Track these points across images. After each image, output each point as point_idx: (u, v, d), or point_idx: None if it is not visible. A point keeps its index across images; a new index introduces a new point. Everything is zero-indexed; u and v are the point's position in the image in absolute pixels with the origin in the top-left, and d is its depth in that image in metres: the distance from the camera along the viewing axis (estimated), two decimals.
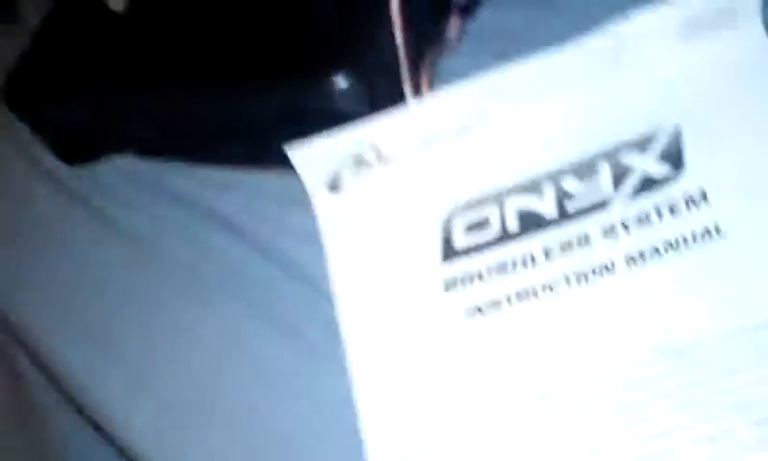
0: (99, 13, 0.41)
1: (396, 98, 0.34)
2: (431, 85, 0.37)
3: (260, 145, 0.37)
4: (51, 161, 0.43)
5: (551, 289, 0.30)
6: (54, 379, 0.42)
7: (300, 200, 0.36)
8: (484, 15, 0.40)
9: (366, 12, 0.34)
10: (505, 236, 0.32)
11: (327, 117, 0.33)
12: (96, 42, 0.41)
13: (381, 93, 0.34)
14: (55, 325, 0.41)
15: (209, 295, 0.37)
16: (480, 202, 0.33)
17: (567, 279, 0.30)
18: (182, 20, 0.39)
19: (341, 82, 0.32)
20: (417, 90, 0.35)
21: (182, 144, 0.41)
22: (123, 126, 0.41)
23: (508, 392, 0.29)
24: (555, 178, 0.33)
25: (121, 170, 0.42)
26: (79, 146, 0.42)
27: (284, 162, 0.35)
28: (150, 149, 0.41)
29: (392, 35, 0.34)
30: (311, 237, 0.35)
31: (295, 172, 0.35)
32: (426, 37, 0.38)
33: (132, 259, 0.40)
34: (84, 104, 0.41)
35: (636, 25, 0.33)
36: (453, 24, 0.39)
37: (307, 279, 0.35)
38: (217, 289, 0.37)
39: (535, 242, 0.32)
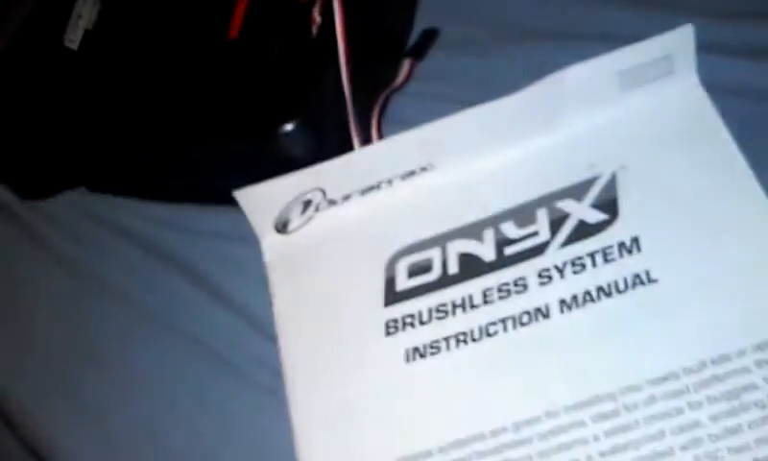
0: (54, 51, 0.42)
1: (343, 143, 0.36)
2: (380, 127, 0.38)
3: (209, 184, 0.38)
4: (5, 195, 0.43)
5: (488, 333, 0.31)
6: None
7: (247, 237, 0.37)
8: (433, 58, 0.41)
9: (314, 59, 0.36)
10: (446, 279, 0.33)
11: (276, 162, 0.34)
12: (50, 79, 0.41)
13: (329, 139, 0.35)
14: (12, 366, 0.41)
15: (155, 330, 0.38)
16: (423, 245, 0.34)
17: (504, 323, 0.31)
18: (134, 61, 0.40)
19: (289, 129, 0.33)
20: (365, 134, 0.37)
21: (132, 181, 0.41)
22: (75, 162, 0.41)
23: (443, 434, 0.30)
24: (495, 223, 0.34)
25: (72, 204, 0.42)
26: (32, 181, 0.43)
27: (231, 200, 0.36)
28: (100, 184, 0.42)
29: (340, 82, 0.35)
30: (256, 275, 0.36)
31: (241, 210, 0.36)
32: (378, 80, 0.39)
33: (78, 292, 0.40)
34: (37, 139, 0.41)
35: (576, 74, 0.34)
36: (404, 67, 0.40)
37: (252, 317, 0.35)
38: (163, 325, 0.37)
39: (474, 285, 0.33)
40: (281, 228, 0.36)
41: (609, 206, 0.33)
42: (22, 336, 0.40)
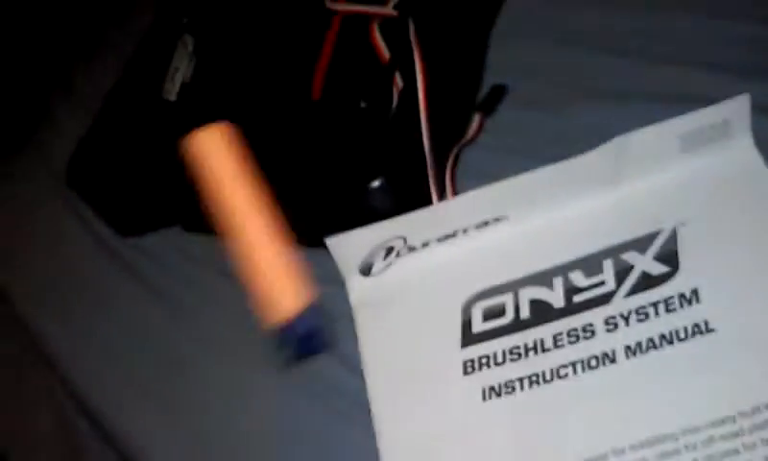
0: (153, 101, 0.46)
1: (422, 194, 0.39)
2: (454, 179, 0.41)
3: (301, 231, 0.41)
4: (106, 232, 0.48)
5: (559, 375, 0.34)
6: (96, 422, 0.45)
7: (334, 279, 0.40)
8: (501, 113, 0.44)
9: (399, 119, 0.39)
10: (519, 323, 0.36)
11: (363, 213, 0.38)
12: (150, 127, 0.45)
13: (410, 191, 0.38)
14: (101, 374, 0.45)
15: (249, 366, 0.40)
16: (496, 291, 0.37)
17: (574, 366, 0.34)
18: (227, 114, 0.43)
19: (376, 185, 0.37)
20: (441, 186, 0.40)
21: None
22: (172, 203, 0.45)
23: None
24: (564, 272, 0.37)
25: (168, 242, 0.46)
26: (131, 219, 0.47)
27: (321, 244, 0.39)
28: (195, 225, 0.45)
29: (420, 140, 0.38)
30: (343, 315, 0.39)
31: (329, 254, 0.39)
32: (451, 135, 0.42)
33: (174, 325, 0.43)
34: (137, 183, 0.45)
35: (639, 137, 0.37)
36: (475, 122, 0.43)
37: (343, 355, 0.38)
38: (257, 359, 0.40)
39: (545, 330, 0.36)
40: (366, 271, 0.39)
41: (670, 258, 0.36)
42: (121, 359, 0.44)
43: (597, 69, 0.44)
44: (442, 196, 0.40)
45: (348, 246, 0.38)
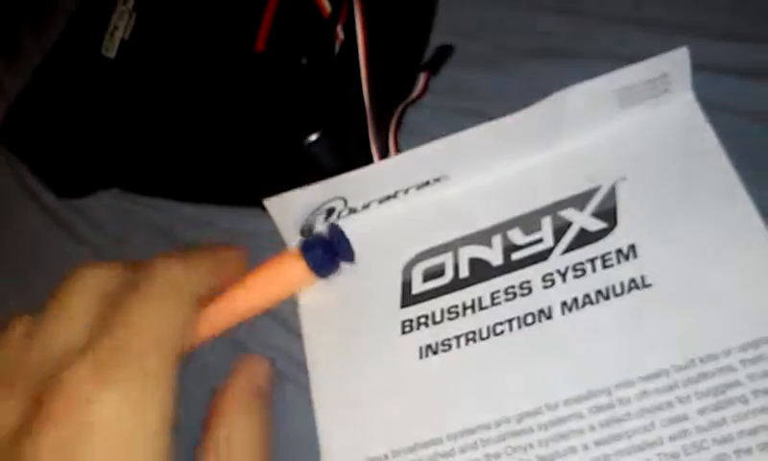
0: (92, 59, 0.44)
1: (363, 154, 0.38)
2: (397, 139, 0.41)
3: (239, 189, 0.41)
4: (45, 195, 0.46)
5: (496, 332, 0.34)
6: None
7: (273, 236, 0.39)
8: (447, 73, 0.44)
9: (338, 74, 0.38)
10: (457, 283, 0.36)
11: (300, 170, 0.37)
12: (88, 86, 0.44)
13: (350, 149, 0.38)
14: None
15: None
16: (436, 251, 0.37)
17: (510, 323, 0.34)
18: (167, 70, 0.42)
19: (314, 139, 0.36)
20: (383, 145, 0.39)
21: (163, 183, 0.44)
22: (110, 164, 0.44)
23: (453, 423, 0.33)
24: (503, 230, 0.37)
25: (107, 204, 0.45)
26: (69, 181, 0.46)
27: (257, 203, 0.38)
28: (133, 186, 0.45)
29: (361, 96, 0.37)
30: None
31: (266, 213, 0.39)
32: (395, 93, 0.42)
33: None
34: (75, 143, 0.44)
35: (578, 93, 0.36)
36: (420, 81, 0.43)
37: (277, 315, 0.38)
38: None
39: (483, 288, 0.36)
40: (307, 233, 0.38)
41: (608, 215, 0.36)
42: None
43: (541, 28, 0.43)
44: (385, 156, 0.40)
45: (288, 207, 0.38)
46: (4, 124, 0.44)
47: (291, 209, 0.38)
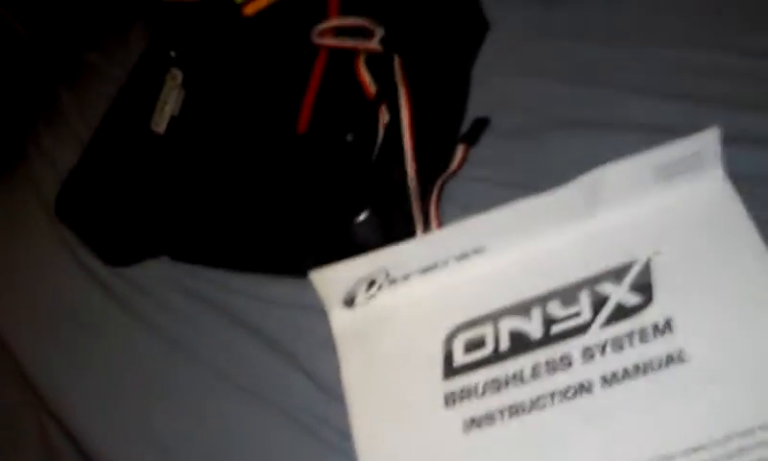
0: (142, 134, 0.47)
1: (406, 227, 0.40)
2: (438, 211, 0.42)
3: (285, 261, 0.43)
4: (95, 263, 0.48)
5: (538, 405, 0.35)
6: (85, 454, 0.46)
7: (315, 307, 0.41)
8: (484, 144, 0.45)
9: (384, 154, 0.40)
10: (498, 355, 0.37)
11: (347, 245, 0.38)
12: (139, 160, 0.46)
13: (394, 224, 0.39)
14: (89, 409, 0.45)
15: (227, 387, 0.42)
16: (476, 322, 0.38)
17: (552, 396, 0.35)
18: (215, 146, 0.44)
19: (362, 220, 0.38)
20: (425, 218, 0.41)
21: (211, 252, 0.46)
22: (159, 234, 0.46)
23: None
24: (542, 303, 0.38)
25: (156, 273, 0.47)
26: (120, 251, 0.47)
27: (302, 272, 0.40)
28: (182, 255, 0.46)
29: (404, 173, 0.39)
30: (326, 344, 0.40)
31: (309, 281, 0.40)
32: (436, 167, 0.43)
33: (165, 356, 0.44)
34: (126, 214, 0.46)
35: (614, 170, 0.38)
36: (458, 153, 0.44)
37: (323, 383, 0.39)
38: (234, 382, 0.41)
39: (524, 361, 0.36)
40: (349, 303, 0.40)
41: (644, 289, 0.37)
42: (112, 387, 0.45)
43: (573, 101, 0.44)
44: (426, 228, 0.41)
45: (332, 279, 0.39)
46: (59, 197, 0.47)
47: (335, 281, 0.40)
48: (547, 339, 0.37)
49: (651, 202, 0.38)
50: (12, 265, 0.53)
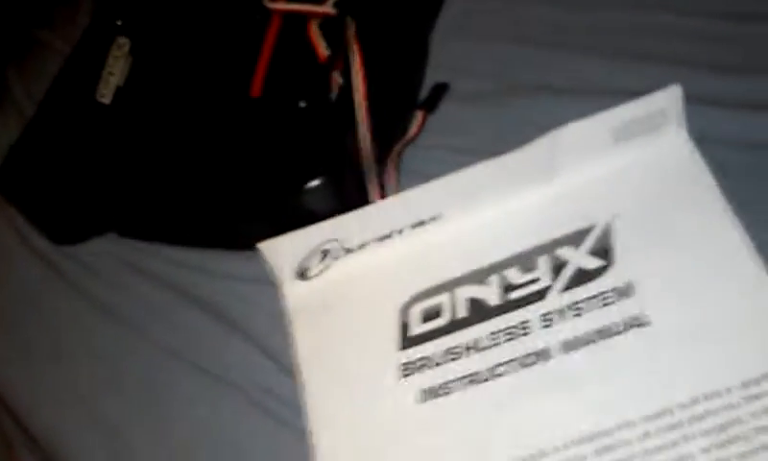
0: (87, 105, 0.45)
1: (361, 195, 0.39)
2: (397, 178, 0.41)
3: (235, 233, 0.41)
4: (40, 241, 0.46)
5: (495, 373, 0.34)
6: (37, 443, 0.45)
7: (262, 279, 0.40)
8: (444, 111, 0.44)
9: (337, 119, 0.39)
10: (455, 323, 0.36)
11: (299, 214, 0.37)
12: (84, 132, 0.44)
13: (349, 192, 0.38)
14: (36, 392, 0.44)
15: (177, 363, 0.40)
16: (433, 291, 0.37)
17: (510, 364, 0.34)
18: (164, 116, 0.43)
19: (315, 185, 0.37)
20: (381, 186, 0.40)
21: (159, 227, 0.44)
22: (107, 210, 0.44)
23: None
24: (499, 269, 0.37)
25: (104, 250, 0.45)
26: (65, 227, 0.46)
27: (250, 245, 0.39)
28: (129, 231, 0.45)
29: (359, 140, 0.37)
30: (272, 313, 0.39)
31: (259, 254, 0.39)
32: (393, 134, 0.42)
33: (114, 335, 0.43)
34: (71, 189, 0.44)
35: (573, 130, 0.37)
36: (417, 120, 0.43)
37: (276, 357, 0.38)
38: (184, 358, 0.40)
39: (482, 329, 0.35)
40: (301, 275, 0.38)
41: (604, 252, 0.36)
42: (60, 370, 0.43)
43: (535, 65, 0.44)
44: (383, 196, 0.40)
45: (283, 250, 0.38)
46: (0, 173, 0.45)
47: (287, 252, 0.38)
48: (506, 306, 0.36)
49: (610, 163, 0.38)
50: None
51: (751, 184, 0.36)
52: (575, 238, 0.37)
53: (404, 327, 0.37)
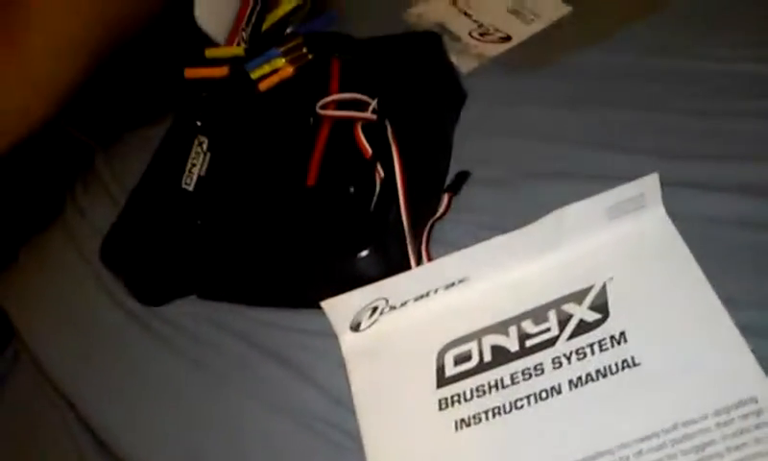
0: (174, 191, 0.54)
1: (402, 262, 0.47)
2: (428, 248, 0.50)
3: (302, 294, 0.50)
4: (131, 303, 0.55)
5: (517, 406, 0.42)
6: None
7: (327, 333, 0.48)
8: (466, 193, 0.53)
9: (382, 202, 0.48)
10: (482, 366, 0.44)
11: (353, 278, 0.46)
12: (172, 213, 0.54)
13: (392, 260, 0.47)
14: (134, 431, 0.50)
15: (260, 411, 0.47)
16: (463, 340, 0.45)
17: (528, 398, 0.42)
18: (238, 199, 0.52)
19: (365, 255, 0.45)
20: (418, 256, 0.48)
21: (236, 291, 0.53)
22: (191, 276, 0.53)
23: None
24: (517, 321, 0.45)
25: (186, 311, 0.53)
26: (155, 291, 0.54)
27: (316, 305, 0.47)
28: (210, 294, 0.53)
29: (400, 218, 0.47)
30: (336, 361, 0.47)
31: (323, 313, 0.47)
32: (425, 212, 0.51)
33: (200, 382, 0.50)
34: (162, 260, 0.53)
35: (573, 210, 0.46)
36: (444, 201, 0.52)
37: (340, 397, 0.45)
38: (266, 407, 0.47)
39: (504, 370, 0.43)
40: (355, 327, 0.47)
41: (602, 308, 0.44)
42: (153, 419, 0.50)
43: (540, 156, 0.53)
44: (419, 263, 0.49)
45: (341, 307, 0.46)
46: (104, 245, 0.54)
47: (343, 309, 0.47)
48: (523, 351, 0.44)
49: (605, 236, 0.46)
50: (50, 305, 0.59)
51: (718, 250, 0.44)
52: (578, 296, 0.45)
53: (441, 369, 0.45)
